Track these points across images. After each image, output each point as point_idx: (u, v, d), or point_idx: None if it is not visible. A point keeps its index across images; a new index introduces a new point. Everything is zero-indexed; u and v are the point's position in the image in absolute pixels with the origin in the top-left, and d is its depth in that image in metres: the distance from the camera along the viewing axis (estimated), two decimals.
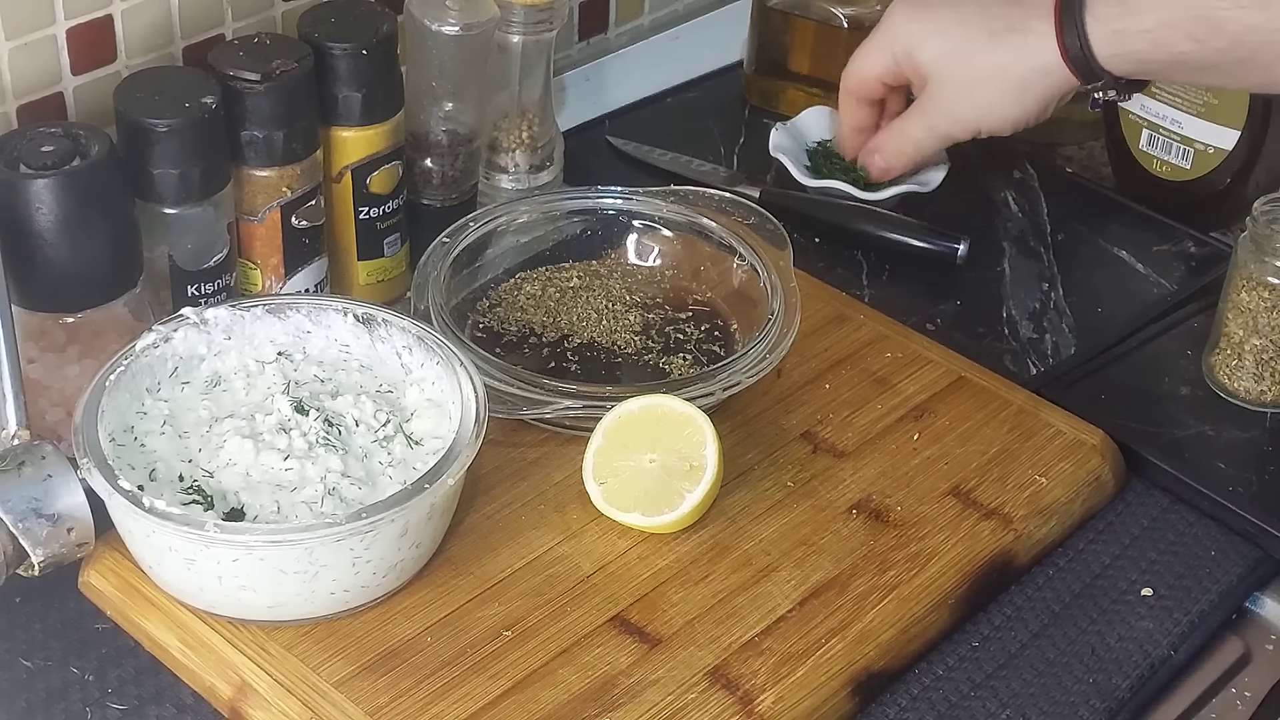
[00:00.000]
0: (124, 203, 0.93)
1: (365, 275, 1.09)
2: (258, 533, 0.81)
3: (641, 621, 0.86)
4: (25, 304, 0.91)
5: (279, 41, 1.01)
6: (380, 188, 1.07)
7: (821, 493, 0.95)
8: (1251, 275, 1.02)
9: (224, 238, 0.99)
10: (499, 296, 1.07)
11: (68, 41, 1.01)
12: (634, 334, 1.04)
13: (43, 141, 0.90)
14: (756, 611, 0.87)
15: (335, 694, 0.81)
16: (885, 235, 1.17)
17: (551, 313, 1.06)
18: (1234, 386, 1.05)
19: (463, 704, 0.81)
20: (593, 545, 0.90)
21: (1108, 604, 0.91)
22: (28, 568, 0.83)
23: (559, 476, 0.94)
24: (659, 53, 1.42)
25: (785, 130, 1.25)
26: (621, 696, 0.82)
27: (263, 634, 0.84)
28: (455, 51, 1.09)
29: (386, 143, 1.06)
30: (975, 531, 0.93)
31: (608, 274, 1.09)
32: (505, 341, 1.03)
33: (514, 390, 0.93)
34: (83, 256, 0.91)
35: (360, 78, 1.02)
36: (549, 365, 1.01)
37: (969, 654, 0.88)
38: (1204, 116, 1.18)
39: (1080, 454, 0.98)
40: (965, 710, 0.85)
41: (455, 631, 0.85)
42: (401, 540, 0.84)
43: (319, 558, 0.81)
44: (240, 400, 0.91)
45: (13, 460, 0.83)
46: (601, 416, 0.92)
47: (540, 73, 1.17)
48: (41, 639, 0.86)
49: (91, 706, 0.83)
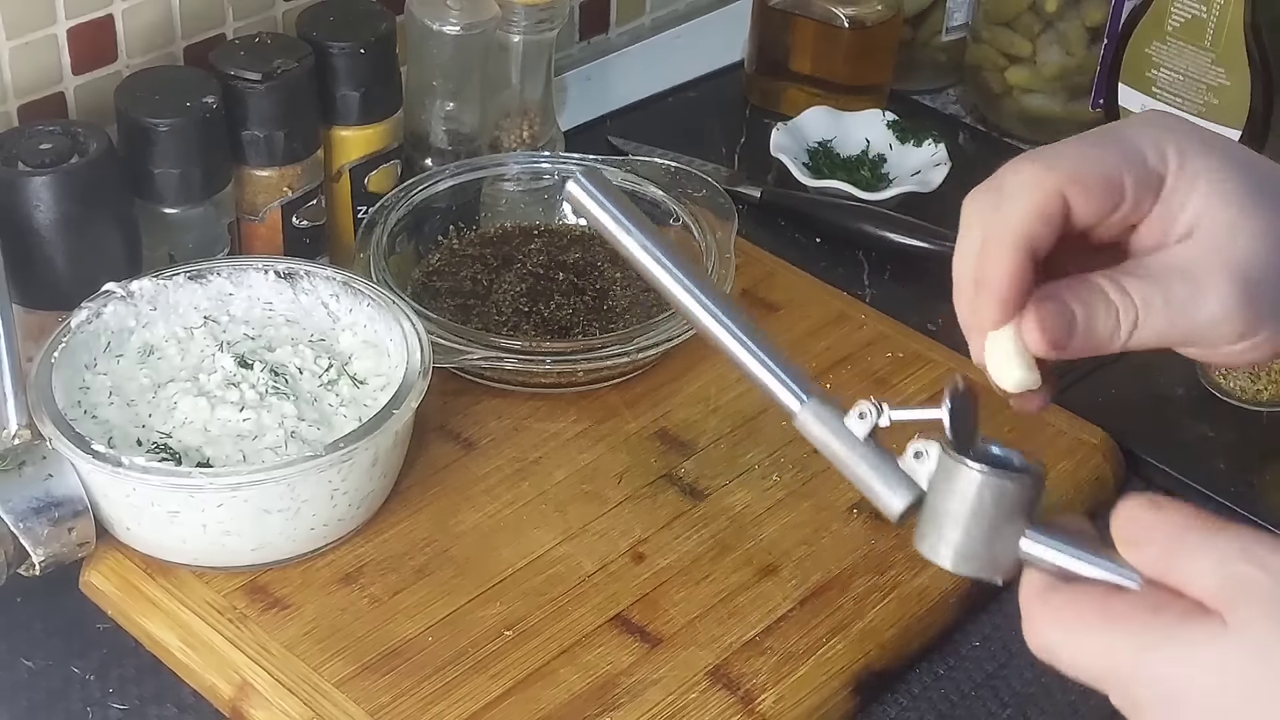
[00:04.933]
0: (123, 201, 0.93)
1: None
2: (243, 473, 0.83)
3: (642, 621, 0.86)
4: (25, 303, 0.91)
5: (280, 41, 1.01)
6: (378, 187, 1.07)
7: (822, 492, 0.95)
8: None
9: (225, 237, 0.99)
10: (437, 256, 1.08)
11: (68, 41, 1.01)
12: (565, 294, 1.05)
13: (41, 139, 0.90)
14: (757, 611, 0.87)
15: (336, 693, 0.81)
16: (886, 235, 1.17)
17: (490, 270, 1.06)
18: (1229, 386, 1.05)
19: (464, 703, 0.81)
20: (594, 545, 0.90)
21: None
22: (28, 567, 0.83)
23: (559, 476, 0.94)
24: (660, 52, 1.42)
25: (786, 130, 1.25)
26: (622, 696, 0.82)
27: (264, 633, 0.84)
28: (456, 51, 1.09)
29: (385, 142, 1.06)
30: None
31: (545, 233, 1.10)
32: (444, 298, 1.04)
33: (444, 341, 0.95)
34: (82, 254, 0.91)
35: (358, 77, 1.02)
36: (483, 320, 1.02)
37: (969, 653, 0.88)
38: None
39: (1081, 453, 0.98)
40: (966, 709, 0.85)
41: (456, 631, 0.85)
42: (372, 470, 0.87)
43: (300, 493, 0.84)
44: (177, 365, 0.93)
45: (13, 460, 0.83)
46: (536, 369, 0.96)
47: (541, 72, 1.17)
48: (42, 638, 0.86)
49: (92, 706, 0.83)
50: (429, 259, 1.08)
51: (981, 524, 0.60)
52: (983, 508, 0.59)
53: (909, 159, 1.25)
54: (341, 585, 0.87)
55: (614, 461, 0.96)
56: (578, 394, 1.00)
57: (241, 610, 0.85)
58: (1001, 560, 0.60)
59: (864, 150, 1.26)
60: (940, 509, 0.61)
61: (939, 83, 1.40)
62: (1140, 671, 0.55)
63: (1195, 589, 0.55)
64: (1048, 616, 0.58)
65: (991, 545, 0.60)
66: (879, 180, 1.24)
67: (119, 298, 0.92)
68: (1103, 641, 0.56)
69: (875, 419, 0.63)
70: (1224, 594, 0.54)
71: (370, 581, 0.87)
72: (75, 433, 0.84)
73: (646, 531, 0.91)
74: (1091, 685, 0.57)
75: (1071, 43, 1.29)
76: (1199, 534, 0.56)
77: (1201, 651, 0.54)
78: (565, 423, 0.98)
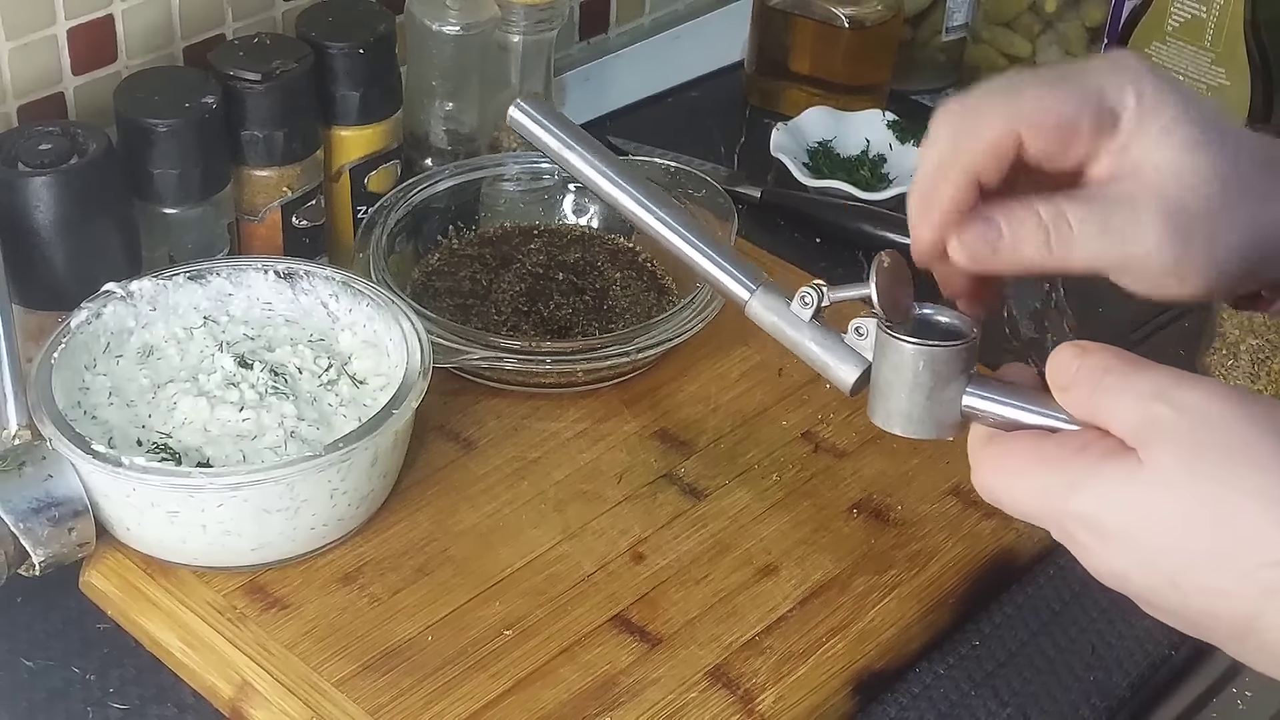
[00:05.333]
0: (122, 201, 0.93)
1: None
2: (243, 473, 0.83)
3: (642, 620, 0.86)
4: (25, 303, 0.91)
5: (279, 41, 1.01)
6: (378, 187, 1.07)
7: (822, 492, 0.95)
8: None
9: (224, 238, 0.99)
10: (437, 256, 1.08)
11: (68, 41, 1.01)
12: (564, 294, 1.05)
13: (40, 140, 0.90)
14: (757, 610, 0.87)
15: (336, 693, 0.81)
16: (885, 235, 1.17)
17: (489, 270, 1.06)
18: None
19: (464, 703, 0.81)
20: (593, 544, 0.90)
21: (1108, 603, 0.91)
22: (29, 568, 0.83)
23: (559, 476, 0.94)
24: (659, 53, 1.42)
25: (786, 130, 1.26)
26: (622, 695, 0.82)
27: (264, 633, 0.84)
28: (455, 51, 1.09)
29: (384, 142, 1.06)
30: (976, 531, 0.93)
31: (545, 233, 1.10)
32: (443, 298, 1.04)
33: (444, 341, 0.95)
34: (81, 255, 0.91)
35: (357, 77, 1.02)
36: (483, 319, 1.02)
37: (969, 653, 0.88)
38: None
39: None
40: (966, 709, 0.85)
41: (456, 630, 0.85)
42: (372, 470, 0.87)
43: (300, 492, 0.84)
44: (177, 366, 0.93)
45: (13, 460, 0.83)
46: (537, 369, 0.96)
47: (540, 72, 1.17)
48: (43, 639, 0.86)
49: (93, 706, 0.83)
50: (428, 259, 1.08)
51: (922, 391, 0.64)
52: (921, 377, 0.64)
53: (909, 159, 1.25)
54: (341, 585, 0.87)
55: (614, 461, 0.96)
56: (577, 394, 1.00)
57: (241, 610, 0.85)
58: (947, 420, 0.65)
59: (864, 150, 1.26)
60: (884, 381, 0.65)
61: (939, 83, 1.40)
62: (1070, 509, 0.60)
63: (1116, 427, 0.60)
64: (989, 464, 0.63)
65: (935, 408, 0.65)
66: (879, 180, 1.24)
67: (119, 298, 0.92)
68: (1036, 483, 0.62)
69: (818, 301, 0.69)
70: (1139, 433, 0.59)
71: (370, 581, 0.87)
72: (75, 433, 0.84)
73: (646, 531, 0.91)
74: (1034, 524, 0.62)
75: (1071, 43, 1.29)
76: (1118, 375, 0.61)
77: (1120, 489, 0.59)
78: (565, 423, 0.98)
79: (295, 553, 0.87)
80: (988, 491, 0.64)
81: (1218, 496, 0.57)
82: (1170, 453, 0.58)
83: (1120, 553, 0.60)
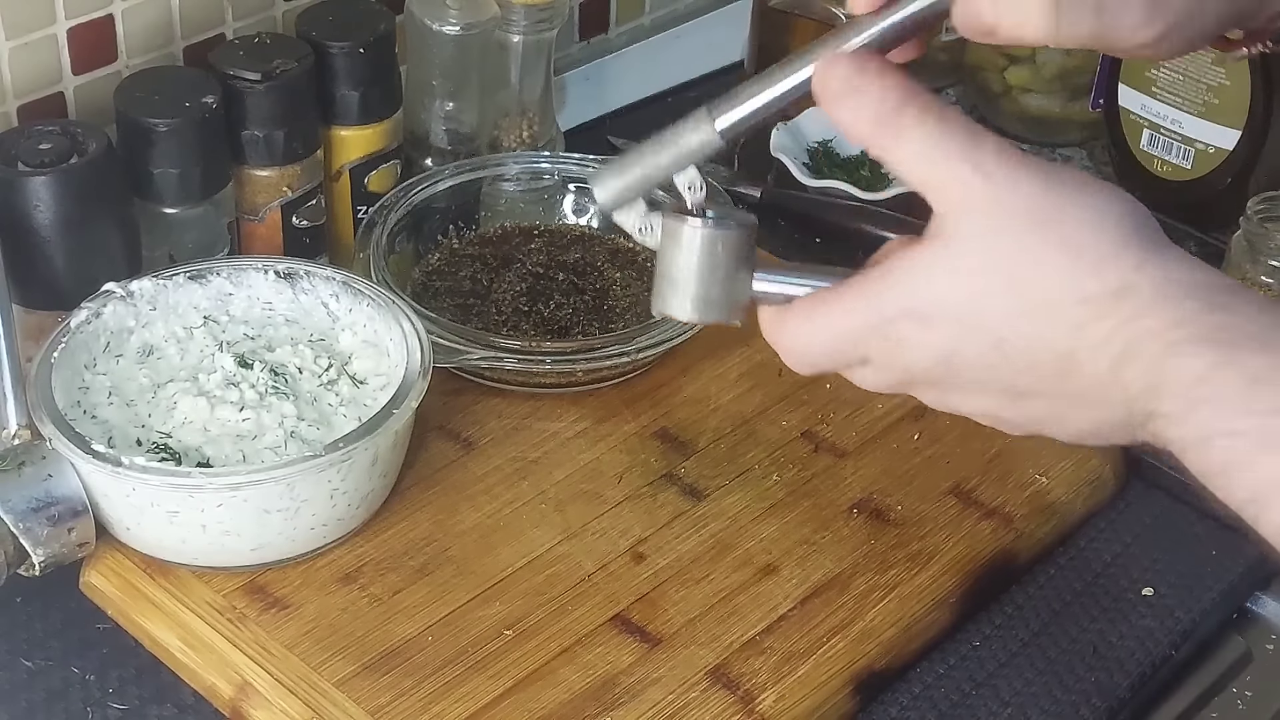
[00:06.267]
0: (122, 200, 0.93)
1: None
2: (243, 473, 0.83)
3: (642, 621, 0.86)
4: (25, 303, 0.91)
5: (279, 41, 1.01)
6: (378, 186, 1.07)
7: (822, 492, 0.95)
8: (1246, 275, 1.02)
9: (224, 237, 0.99)
10: (437, 256, 1.08)
11: (68, 41, 1.01)
12: (565, 294, 1.05)
13: (40, 139, 0.90)
14: (757, 610, 0.87)
15: (336, 693, 0.81)
16: (885, 235, 1.17)
17: (489, 270, 1.06)
18: None
19: (464, 703, 0.81)
20: (593, 544, 0.90)
21: (1108, 603, 0.91)
22: (28, 568, 0.83)
23: (559, 476, 0.94)
24: (659, 52, 1.42)
25: (786, 130, 1.25)
26: (622, 695, 0.82)
27: (264, 633, 0.84)
28: (455, 51, 1.09)
29: (384, 142, 1.06)
30: (976, 531, 0.93)
31: (545, 233, 1.10)
32: (443, 298, 1.04)
33: (444, 341, 0.95)
34: (81, 254, 0.91)
35: (357, 76, 1.02)
36: (483, 319, 1.02)
37: (970, 653, 0.88)
38: (1205, 116, 1.18)
39: (1081, 453, 0.98)
40: (966, 709, 0.85)
41: (456, 631, 0.85)
42: (372, 470, 0.87)
43: (300, 493, 0.84)
44: (177, 365, 0.93)
45: (13, 460, 0.83)
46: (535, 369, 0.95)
47: (540, 72, 1.17)
48: (42, 639, 0.86)
49: (92, 706, 0.83)
50: (429, 259, 1.08)
51: (716, 273, 0.66)
52: (715, 257, 0.66)
53: None
54: (341, 585, 0.87)
55: (614, 461, 0.96)
56: (577, 394, 1.00)
57: (241, 610, 0.85)
58: (739, 302, 0.67)
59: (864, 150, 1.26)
60: (674, 268, 0.67)
61: (939, 83, 1.40)
62: (885, 310, 0.62)
63: (908, 172, 0.63)
64: (788, 333, 0.65)
65: (727, 290, 0.66)
66: (879, 180, 1.24)
67: (119, 298, 0.92)
68: (844, 308, 0.64)
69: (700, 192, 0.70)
70: (945, 191, 0.62)
71: (370, 581, 0.87)
72: (75, 433, 0.84)
73: (646, 531, 0.91)
74: (860, 365, 0.64)
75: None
76: (915, 116, 0.63)
77: (929, 271, 0.62)
78: (565, 422, 0.98)
79: (295, 553, 0.87)
80: (797, 357, 0.66)
81: (1028, 255, 0.60)
82: (978, 221, 0.61)
83: (946, 330, 0.62)
